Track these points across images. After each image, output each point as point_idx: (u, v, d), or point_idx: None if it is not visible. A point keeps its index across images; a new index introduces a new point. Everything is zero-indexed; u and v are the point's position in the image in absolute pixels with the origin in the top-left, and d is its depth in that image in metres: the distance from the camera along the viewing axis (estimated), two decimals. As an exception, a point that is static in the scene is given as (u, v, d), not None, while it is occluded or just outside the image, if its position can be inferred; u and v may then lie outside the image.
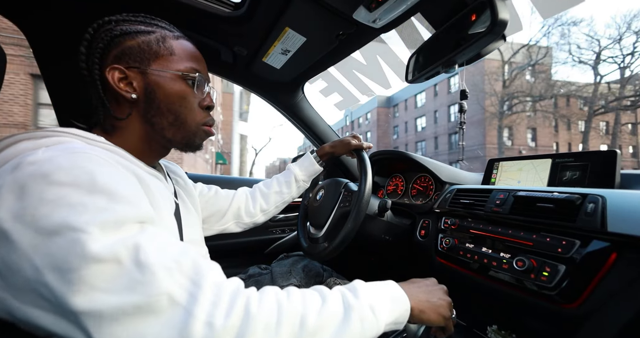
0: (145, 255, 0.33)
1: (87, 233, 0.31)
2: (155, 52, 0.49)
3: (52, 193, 0.32)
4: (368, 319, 0.40)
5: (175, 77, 0.51)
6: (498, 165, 0.93)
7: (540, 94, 17.69)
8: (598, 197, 0.55)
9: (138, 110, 0.50)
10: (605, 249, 0.51)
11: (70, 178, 0.33)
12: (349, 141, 0.90)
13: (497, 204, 0.72)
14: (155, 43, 0.50)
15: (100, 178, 0.35)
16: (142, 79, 0.49)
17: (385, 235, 0.95)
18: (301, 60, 0.96)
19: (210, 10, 0.78)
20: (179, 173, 0.70)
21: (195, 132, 0.54)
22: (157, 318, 0.32)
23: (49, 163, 0.34)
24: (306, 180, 0.91)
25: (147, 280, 0.32)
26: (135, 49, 0.48)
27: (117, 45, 0.48)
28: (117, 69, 0.47)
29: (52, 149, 0.37)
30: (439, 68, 0.72)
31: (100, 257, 0.31)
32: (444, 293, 0.52)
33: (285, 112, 1.26)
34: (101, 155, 0.38)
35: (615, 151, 0.68)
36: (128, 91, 0.48)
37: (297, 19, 0.77)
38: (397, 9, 0.68)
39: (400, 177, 1.24)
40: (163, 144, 0.54)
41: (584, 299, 0.52)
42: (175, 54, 0.51)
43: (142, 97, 0.49)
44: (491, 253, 0.68)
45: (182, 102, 0.52)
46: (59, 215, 0.31)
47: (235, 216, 0.84)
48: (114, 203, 0.34)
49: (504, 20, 0.53)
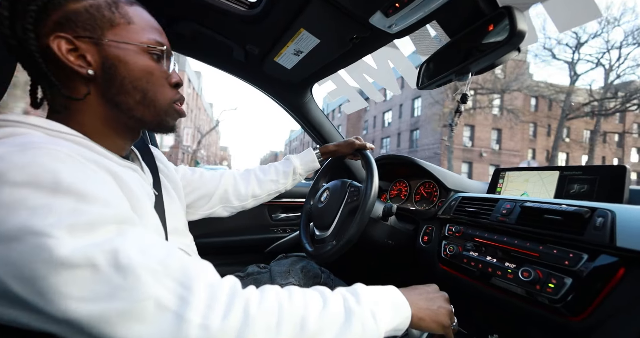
0: (127, 258, 0.30)
1: (53, 237, 0.28)
2: (109, 19, 0.42)
3: (7, 196, 0.28)
4: (369, 325, 0.40)
5: (139, 50, 0.44)
6: (504, 175, 0.94)
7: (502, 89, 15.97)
8: (607, 211, 0.55)
9: (97, 89, 0.43)
10: (613, 264, 0.51)
11: (28, 177, 0.29)
12: (353, 141, 0.93)
13: (504, 214, 0.72)
14: (106, 8, 0.42)
15: (64, 176, 0.31)
16: (97, 51, 0.42)
17: (388, 240, 0.95)
18: (312, 62, 0.97)
19: (226, 8, 0.78)
20: (161, 159, 0.66)
21: (166, 111, 0.48)
22: (143, 325, 0.30)
23: (2, 161, 0.30)
24: (303, 174, 0.92)
25: (131, 285, 0.30)
26: (83, 14, 0.40)
27: (56, 7, 0.40)
28: (63, 38, 0.40)
29: (5, 143, 0.32)
30: (451, 76, 0.73)
31: (71, 262, 0.28)
32: (445, 301, 0.51)
33: (293, 111, 1.26)
34: (63, 149, 0.34)
35: (625, 166, 0.68)
36: (82, 66, 0.41)
37: (312, 20, 0.78)
38: (413, 16, 0.68)
39: (404, 182, 1.25)
40: (131, 126, 0.48)
41: (590, 313, 0.52)
42: (134, 22, 0.44)
43: (99, 73, 0.42)
44: (496, 263, 0.68)
45: (150, 77, 0.45)
46: (17, 219, 0.28)
47: (223, 200, 0.81)
48: (85, 204, 0.31)
49: (523, 31, 0.53)
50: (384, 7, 0.68)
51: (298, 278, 0.89)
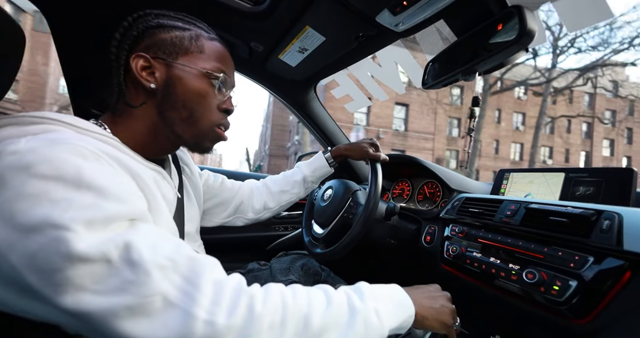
0: (138, 254, 0.31)
1: (72, 231, 0.29)
2: (185, 48, 0.49)
3: (33, 187, 0.30)
4: (372, 323, 0.40)
5: (199, 74, 0.50)
6: (509, 176, 0.93)
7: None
8: (614, 214, 0.55)
9: (153, 101, 0.49)
10: (619, 267, 0.51)
11: (55, 171, 0.31)
12: (367, 150, 0.85)
13: (508, 215, 0.71)
14: (187, 40, 0.50)
15: (87, 172, 0.33)
16: (166, 70, 0.48)
17: (390, 239, 0.95)
18: (317, 60, 0.96)
19: (231, 4, 0.77)
20: (187, 161, 0.68)
21: (206, 133, 0.53)
22: (150, 320, 0.31)
23: (32, 154, 0.31)
24: (315, 181, 0.90)
25: (141, 280, 0.31)
26: (167, 42, 0.48)
27: (150, 35, 0.48)
28: (142, 57, 0.47)
29: (37, 138, 0.34)
30: (458, 75, 0.72)
31: (87, 256, 0.29)
32: (448, 300, 0.52)
33: (296, 109, 1.25)
34: (89, 146, 0.36)
35: (633, 169, 0.68)
36: (148, 80, 0.47)
37: (318, 18, 0.77)
38: (421, 14, 0.67)
39: (406, 182, 1.24)
40: (171, 139, 0.52)
41: (595, 316, 0.52)
42: (204, 52, 0.51)
43: (160, 88, 0.48)
44: (499, 264, 0.68)
45: (201, 100, 0.50)
46: (40, 210, 0.29)
47: (239, 210, 0.82)
48: (103, 200, 0.32)
49: (532, 30, 0.53)
50: (391, 5, 0.67)
51: (298, 276, 0.89)
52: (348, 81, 1.16)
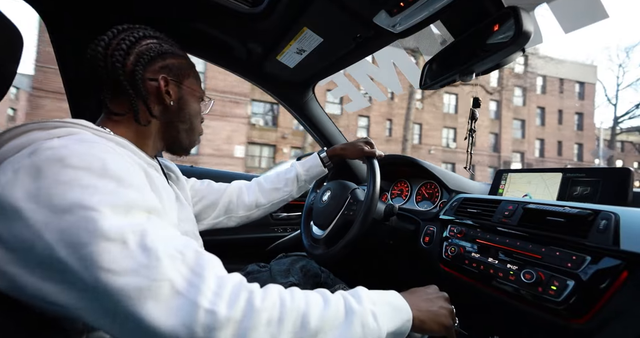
0: (152, 241, 0.35)
1: (99, 211, 0.34)
2: (186, 73, 0.61)
3: (66, 175, 0.35)
4: (370, 325, 0.40)
5: (196, 97, 0.64)
6: (507, 177, 0.93)
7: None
8: (611, 213, 0.55)
9: (167, 114, 0.59)
10: (616, 267, 0.51)
11: (84, 163, 0.37)
12: (362, 148, 0.86)
13: (506, 215, 0.72)
14: (187, 67, 0.61)
15: (111, 165, 0.38)
16: (177, 90, 0.59)
17: (388, 240, 0.95)
18: (315, 61, 0.96)
19: (228, 5, 0.77)
20: (172, 169, 0.71)
21: (196, 140, 0.67)
22: (157, 304, 0.33)
23: (65, 149, 0.37)
24: (308, 180, 0.90)
25: (152, 265, 0.34)
26: (176, 66, 0.59)
27: (164, 58, 0.57)
28: (165, 79, 0.56)
29: (67, 138, 0.40)
30: (455, 76, 0.72)
31: (108, 235, 0.33)
32: (446, 302, 0.52)
33: (294, 110, 1.25)
34: (110, 144, 0.43)
35: (629, 169, 0.68)
36: (169, 97, 0.57)
37: (316, 19, 0.77)
38: (418, 15, 0.68)
39: (405, 182, 1.24)
40: (169, 143, 0.63)
41: (592, 316, 0.52)
42: (195, 79, 0.64)
43: (175, 105, 0.59)
44: (497, 264, 0.68)
45: (197, 115, 0.65)
46: (73, 194, 0.34)
47: (228, 210, 0.82)
48: (123, 188, 0.37)
49: (529, 31, 0.53)
50: (388, 7, 0.67)
51: (298, 277, 0.89)
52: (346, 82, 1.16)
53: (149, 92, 0.55)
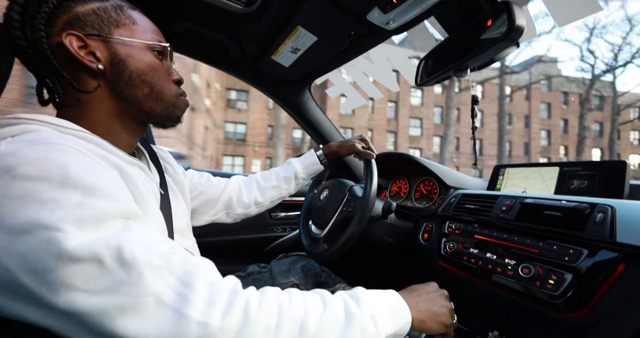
0: (131, 254, 0.31)
1: (62, 231, 0.29)
2: (115, 20, 0.45)
3: (18, 189, 0.30)
4: (369, 330, 0.39)
5: (144, 47, 0.47)
6: (504, 172, 0.93)
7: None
8: (607, 206, 0.55)
9: (107, 83, 0.45)
10: (613, 260, 0.51)
11: (39, 172, 0.31)
12: (354, 144, 0.87)
13: (504, 211, 0.72)
14: (112, 10, 0.46)
15: (73, 171, 0.32)
16: (106, 48, 0.44)
17: (387, 238, 0.95)
18: (310, 59, 0.96)
19: (221, 5, 0.77)
20: (169, 160, 0.66)
21: (174, 103, 0.51)
22: (142, 320, 0.30)
23: (13, 156, 0.31)
24: (306, 178, 0.90)
25: (133, 280, 0.31)
26: (91, 15, 0.43)
27: (66, 9, 0.42)
28: (74, 36, 0.42)
29: (17, 140, 0.34)
30: (450, 72, 0.72)
31: (77, 256, 0.29)
32: (445, 299, 0.51)
33: (291, 110, 1.25)
34: (74, 145, 0.35)
35: (625, 162, 0.68)
36: (92, 61, 0.43)
37: (309, 17, 0.77)
38: (411, 12, 0.67)
39: (403, 180, 1.24)
40: (140, 119, 0.50)
41: (590, 309, 0.52)
42: (137, 23, 0.48)
43: (109, 68, 0.45)
44: (496, 259, 0.68)
45: (155, 73, 0.48)
46: (29, 212, 0.29)
47: (227, 206, 0.81)
48: (91, 198, 0.32)
49: (521, 26, 0.53)
50: (381, 4, 0.67)
51: (299, 278, 0.89)
52: (342, 80, 1.16)
53: (63, 63, 0.42)
